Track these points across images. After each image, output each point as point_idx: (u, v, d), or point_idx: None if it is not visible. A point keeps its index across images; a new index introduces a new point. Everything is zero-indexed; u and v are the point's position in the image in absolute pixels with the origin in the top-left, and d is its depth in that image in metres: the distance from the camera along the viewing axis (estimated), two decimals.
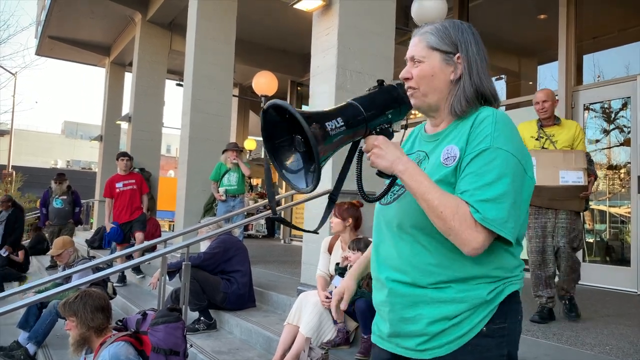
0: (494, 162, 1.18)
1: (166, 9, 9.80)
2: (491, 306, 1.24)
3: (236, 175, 6.64)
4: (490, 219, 1.14)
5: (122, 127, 12.68)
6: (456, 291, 1.23)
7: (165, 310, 3.17)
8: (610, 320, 3.83)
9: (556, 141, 3.87)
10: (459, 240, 1.16)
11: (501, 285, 1.25)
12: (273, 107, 1.17)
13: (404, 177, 1.20)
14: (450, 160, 1.25)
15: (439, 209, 1.15)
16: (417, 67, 1.32)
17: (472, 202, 1.16)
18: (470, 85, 1.30)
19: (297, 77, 12.04)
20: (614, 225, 6.07)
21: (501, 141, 1.20)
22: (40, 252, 10.27)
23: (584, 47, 6.42)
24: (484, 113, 1.26)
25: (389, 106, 1.27)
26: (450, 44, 1.32)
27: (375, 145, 1.22)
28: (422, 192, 1.17)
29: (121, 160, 7.15)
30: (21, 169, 24.19)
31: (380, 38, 4.63)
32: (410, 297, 1.27)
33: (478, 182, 1.17)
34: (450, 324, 1.23)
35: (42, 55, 14.63)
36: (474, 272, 1.23)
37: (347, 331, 3.47)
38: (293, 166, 1.21)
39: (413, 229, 1.27)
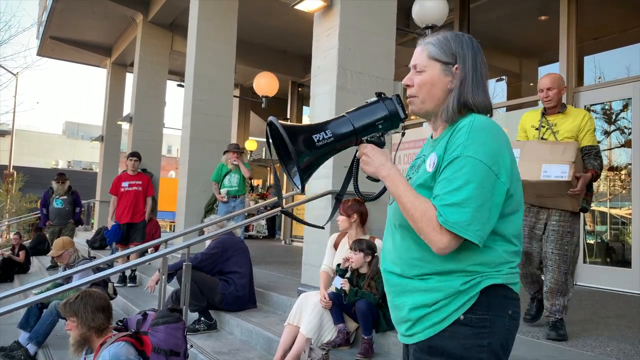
0: (463, 169, 1.27)
1: (167, 10, 9.81)
2: (466, 296, 1.32)
3: (237, 176, 6.64)
4: (452, 222, 1.24)
5: (123, 128, 12.67)
6: (436, 281, 1.34)
7: (166, 310, 3.17)
8: (610, 322, 3.83)
9: (557, 131, 3.45)
10: (427, 241, 1.29)
11: (478, 278, 1.33)
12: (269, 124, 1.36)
13: (386, 181, 1.36)
14: (431, 166, 1.36)
15: (411, 212, 1.30)
16: (419, 76, 1.43)
17: (438, 206, 1.27)
18: (459, 96, 1.39)
19: (297, 78, 12.04)
20: (614, 227, 6.07)
21: (471, 149, 1.28)
22: (41, 253, 10.28)
23: (584, 48, 6.42)
24: (462, 122, 1.35)
25: (379, 119, 1.40)
26: (449, 55, 1.41)
27: (364, 153, 1.39)
28: (398, 195, 1.33)
29: (129, 160, 7.21)
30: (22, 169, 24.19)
31: (381, 39, 4.63)
32: (399, 287, 1.41)
33: (447, 187, 1.27)
34: (430, 310, 1.33)
35: (43, 56, 14.64)
36: (452, 267, 1.33)
37: (347, 332, 3.47)
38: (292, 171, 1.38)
39: (401, 227, 1.41)
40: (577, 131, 3.42)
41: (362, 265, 3.47)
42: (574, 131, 3.41)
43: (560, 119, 3.49)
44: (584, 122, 3.43)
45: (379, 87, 4.53)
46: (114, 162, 13.37)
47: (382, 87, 4.53)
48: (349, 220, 3.74)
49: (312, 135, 1.31)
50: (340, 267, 3.55)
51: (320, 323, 3.42)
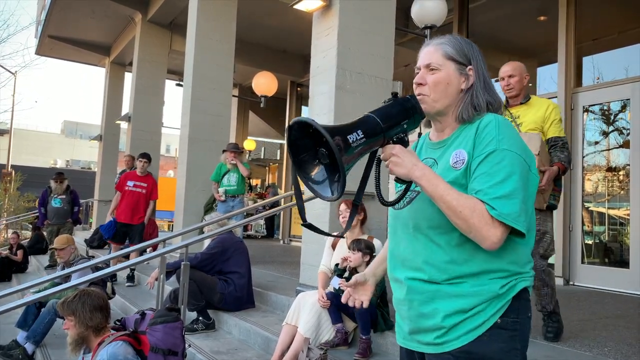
0: (503, 162, 1.28)
1: (166, 9, 9.81)
2: (504, 300, 1.31)
3: (236, 175, 6.64)
4: (506, 214, 1.23)
5: (122, 127, 12.68)
6: (471, 285, 1.31)
7: (164, 310, 3.17)
8: (608, 322, 3.83)
9: (521, 123, 3.27)
10: (479, 237, 1.25)
11: (513, 281, 1.33)
12: (298, 124, 1.26)
13: (421, 182, 1.29)
14: (459, 163, 1.34)
15: (458, 209, 1.24)
16: (433, 75, 1.42)
17: (487, 199, 1.25)
18: (482, 95, 1.42)
19: (297, 78, 12.04)
20: (612, 227, 6.08)
21: (506, 143, 1.30)
22: (39, 252, 10.27)
23: (583, 49, 6.43)
24: (486, 119, 1.36)
25: (404, 117, 1.35)
26: (463, 56, 1.43)
27: (393, 154, 1.31)
28: (440, 195, 1.27)
29: (139, 161, 7.22)
30: (21, 168, 24.17)
31: (380, 39, 4.63)
32: (427, 294, 1.35)
33: (490, 181, 1.27)
34: (466, 316, 1.30)
35: (42, 55, 14.64)
36: (487, 267, 1.31)
37: (345, 331, 3.47)
38: (318, 177, 1.30)
39: (428, 229, 1.36)
40: (542, 122, 3.26)
41: (361, 264, 3.47)
42: (538, 122, 3.25)
43: (524, 111, 3.33)
44: (549, 112, 3.28)
45: (378, 87, 4.53)
46: (113, 162, 13.36)
47: (381, 87, 4.53)
48: (357, 217, 3.75)
49: (347, 137, 1.24)
50: (339, 267, 3.55)
51: (319, 323, 3.42)
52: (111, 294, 4.86)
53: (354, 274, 3.47)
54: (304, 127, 1.25)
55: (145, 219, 7.12)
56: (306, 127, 1.25)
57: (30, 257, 9.72)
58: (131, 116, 10.78)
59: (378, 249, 3.60)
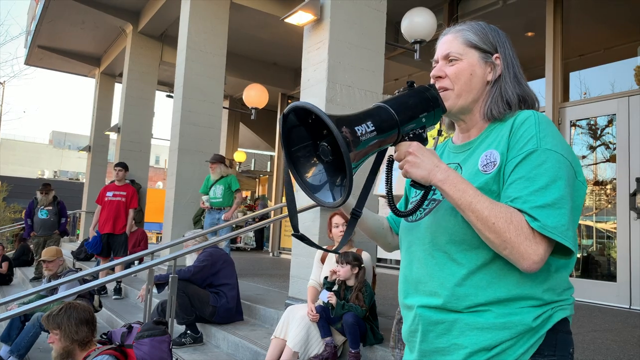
0: (545, 164, 1.05)
1: (158, 21, 9.83)
2: (538, 334, 1.08)
3: (221, 187, 6.61)
4: (552, 227, 1.00)
5: (111, 138, 12.59)
6: (496, 315, 1.07)
7: (151, 323, 3.13)
8: (597, 336, 3.85)
9: None
10: (516, 254, 1.01)
11: (549, 310, 1.09)
12: (294, 111, 1.02)
13: (444, 186, 1.05)
14: (490, 166, 1.12)
15: (491, 220, 1.01)
16: (453, 66, 1.22)
17: (527, 209, 1.01)
18: (512, 87, 1.23)
19: (287, 90, 12.08)
20: (600, 241, 6.13)
21: (549, 142, 1.07)
22: (24, 264, 10.13)
23: (570, 64, 6.53)
24: (522, 114, 1.15)
25: (422, 109, 1.12)
26: (488, 43, 1.24)
27: (409, 152, 1.07)
28: (468, 202, 1.03)
29: (115, 169, 7.21)
30: (7, 179, 23.92)
31: (371, 53, 4.67)
32: (444, 325, 1.12)
33: (530, 187, 1.03)
34: (489, 355, 1.07)
35: (31, 65, 14.55)
36: (518, 293, 1.08)
37: (334, 345, 3.45)
38: (315, 180, 1.06)
39: (449, 245, 1.12)
40: None
41: (350, 277, 3.46)
42: None
43: None
44: None
45: (368, 101, 4.56)
46: (101, 173, 13.26)
47: (371, 101, 4.56)
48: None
49: (355, 128, 0.98)
50: (328, 280, 3.53)
51: (307, 336, 3.40)
52: (98, 307, 4.80)
53: (343, 288, 3.47)
54: (303, 114, 1.02)
55: (127, 229, 7.06)
56: (305, 114, 1.02)
57: (15, 269, 9.58)
58: (120, 127, 10.73)
59: (366, 261, 3.59)
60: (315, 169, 1.06)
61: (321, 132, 1.01)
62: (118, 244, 6.96)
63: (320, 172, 1.06)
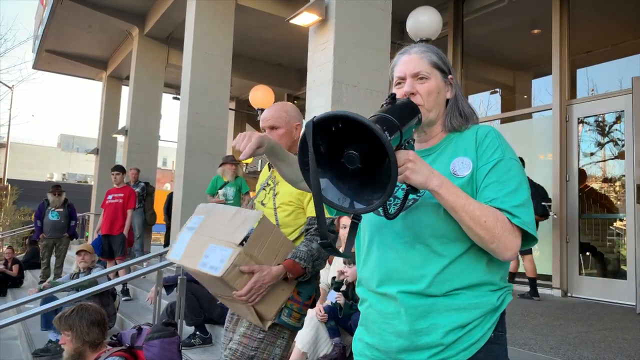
0: (512, 170, 1.26)
1: (163, 24, 9.87)
2: (497, 313, 1.28)
3: (233, 189, 6.63)
4: (527, 222, 1.21)
5: (119, 140, 12.67)
6: (469, 297, 1.25)
7: (161, 324, 3.15)
8: (607, 334, 3.82)
9: (278, 193, 2.29)
10: (502, 247, 1.20)
11: (504, 293, 1.31)
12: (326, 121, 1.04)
13: (441, 191, 1.18)
14: (464, 170, 1.29)
15: (482, 219, 1.18)
16: (424, 84, 1.37)
17: (508, 208, 1.21)
18: (464, 103, 1.41)
19: (293, 91, 12.10)
20: (609, 238, 6.09)
21: (510, 152, 1.30)
22: (34, 266, 10.19)
23: (577, 61, 6.50)
24: (483, 128, 1.35)
25: (412, 119, 1.25)
26: (445, 65, 1.41)
27: (409, 159, 1.16)
28: (462, 204, 1.18)
29: (111, 174, 7.46)
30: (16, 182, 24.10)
31: (376, 52, 4.67)
32: (423, 307, 1.26)
33: (504, 189, 1.23)
34: (464, 331, 1.24)
35: (39, 69, 14.66)
36: (484, 279, 1.27)
37: (343, 345, 3.45)
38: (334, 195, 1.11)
39: (431, 238, 1.27)
40: (303, 193, 2.19)
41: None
42: (295, 194, 2.22)
43: None
44: None
45: (374, 100, 4.56)
46: (109, 175, 13.28)
47: (377, 100, 4.56)
48: None
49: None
50: (336, 280, 3.54)
51: (316, 337, 3.40)
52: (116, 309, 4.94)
53: (351, 288, 3.47)
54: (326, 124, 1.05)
55: (125, 229, 7.11)
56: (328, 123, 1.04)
57: (25, 272, 9.66)
58: (128, 130, 10.79)
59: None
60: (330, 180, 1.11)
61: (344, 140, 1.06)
62: (116, 245, 7.04)
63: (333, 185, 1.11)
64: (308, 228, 2.20)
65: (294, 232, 2.23)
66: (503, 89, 8.36)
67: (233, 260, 1.86)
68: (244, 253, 1.90)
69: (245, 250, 1.91)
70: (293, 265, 2.04)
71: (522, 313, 4.50)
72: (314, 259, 2.09)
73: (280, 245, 2.06)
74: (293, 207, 2.23)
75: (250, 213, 2.01)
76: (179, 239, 2.13)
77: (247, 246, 1.92)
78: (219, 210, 2.16)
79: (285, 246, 2.08)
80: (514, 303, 4.67)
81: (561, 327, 3.96)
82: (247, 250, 1.92)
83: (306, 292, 2.17)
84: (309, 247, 2.10)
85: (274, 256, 2.03)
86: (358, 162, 1.06)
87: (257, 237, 1.97)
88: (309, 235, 2.17)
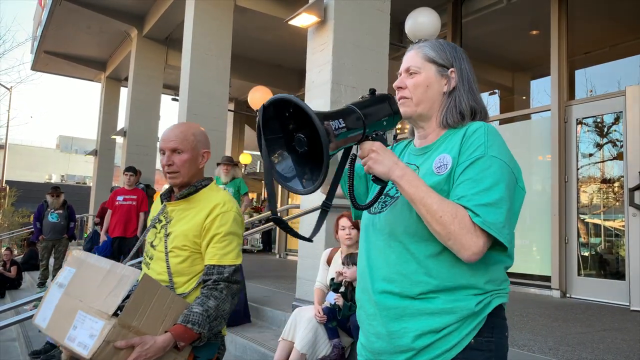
0: (490, 169, 1.19)
1: (162, 25, 9.87)
2: (479, 318, 1.22)
3: (232, 190, 6.63)
4: (490, 222, 1.14)
5: (117, 142, 12.67)
6: (444, 302, 1.21)
7: None
8: (606, 335, 3.82)
9: (170, 233, 1.94)
10: (458, 245, 1.14)
11: (488, 297, 1.24)
12: (274, 103, 1.12)
13: (401, 182, 1.19)
14: (442, 168, 1.25)
15: (438, 214, 1.14)
16: (412, 78, 1.36)
17: (471, 206, 1.15)
18: (465, 98, 1.35)
19: (292, 92, 12.08)
20: (608, 239, 6.09)
21: (495, 150, 1.22)
22: (33, 268, 10.18)
23: (576, 62, 6.50)
24: (474, 125, 1.29)
25: (384, 114, 1.29)
26: (445, 59, 1.37)
27: (372, 150, 1.21)
28: (420, 197, 1.16)
29: (124, 174, 7.23)
30: (15, 183, 24.08)
31: (375, 54, 4.67)
32: (397, 309, 1.24)
33: (475, 187, 1.17)
34: (437, 337, 1.20)
35: (37, 71, 14.67)
36: (463, 282, 1.21)
37: (342, 347, 3.45)
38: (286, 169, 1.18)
39: (404, 235, 1.26)
40: (200, 235, 1.87)
41: (356, 278, 3.46)
42: (191, 235, 1.87)
43: (183, 210, 1.95)
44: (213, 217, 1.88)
45: None
46: (108, 176, 13.34)
47: None
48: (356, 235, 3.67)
49: (331, 122, 1.10)
50: (334, 281, 3.53)
51: (315, 338, 3.40)
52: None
53: (350, 289, 3.47)
54: (281, 107, 1.12)
55: (139, 232, 7.10)
56: (283, 108, 1.12)
57: (24, 274, 9.64)
58: (127, 131, 10.79)
59: None
60: (283, 159, 1.18)
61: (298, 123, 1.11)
62: (129, 248, 6.99)
63: (288, 163, 1.17)
64: (206, 279, 1.84)
65: (190, 281, 1.88)
66: (502, 90, 8.37)
67: (105, 336, 1.51)
68: (119, 325, 1.55)
69: (121, 322, 1.56)
70: (184, 331, 1.68)
71: (521, 314, 4.50)
72: (210, 320, 1.74)
73: (167, 307, 1.70)
74: (188, 251, 1.88)
75: (127, 271, 1.64)
76: (47, 297, 1.74)
77: (124, 316, 1.57)
78: (91, 264, 1.74)
79: (174, 307, 1.72)
80: (512, 304, 4.67)
81: (560, 328, 3.96)
82: (123, 320, 1.56)
83: (205, 356, 1.82)
84: (205, 307, 1.75)
85: (159, 322, 1.67)
86: (305, 145, 1.12)
87: (137, 302, 1.61)
88: (207, 289, 1.81)
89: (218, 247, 1.86)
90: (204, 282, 1.85)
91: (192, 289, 1.86)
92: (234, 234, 1.90)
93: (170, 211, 1.98)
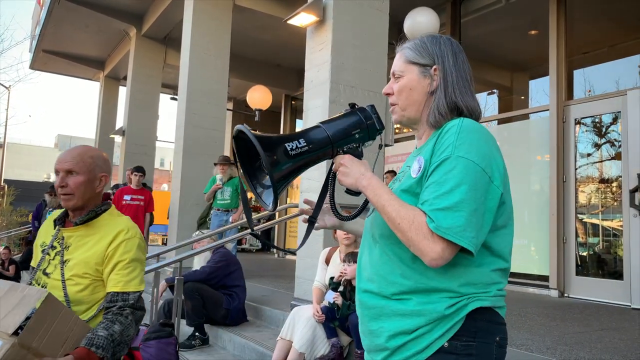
0: (453, 170, 1.15)
1: (161, 24, 9.86)
2: (451, 322, 1.19)
3: (229, 189, 6.63)
4: (445, 228, 1.11)
5: (116, 141, 12.65)
6: (416, 304, 1.20)
7: (158, 325, 3.15)
8: (603, 334, 3.83)
9: (67, 260, 1.87)
10: (418, 251, 1.15)
11: (464, 300, 1.20)
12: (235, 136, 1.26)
13: (366, 192, 1.24)
14: (416, 170, 1.25)
15: (397, 221, 1.16)
16: (397, 82, 1.36)
17: (428, 211, 1.14)
18: (443, 97, 1.30)
19: (291, 92, 12.10)
20: (606, 239, 6.10)
21: (463, 150, 1.17)
22: None
23: (574, 62, 6.51)
24: (449, 124, 1.25)
25: (355, 127, 1.32)
26: (427, 57, 1.33)
27: (341, 163, 1.28)
28: (382, 205, 1.20)
29: (134, 175, 7.23)
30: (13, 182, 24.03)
31: (374, 53, 4.67)
32: (376, 309, 1.27)
33: (437, 191, 1.15)
34: (409, 338, 1.20)
35: (36, 69, 14.63)
36: (437, 285, 1.20)
37: (340, 346, 3.45)
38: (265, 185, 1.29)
39: (381, 238, 1.29)
40: (102, 262, 1.86)
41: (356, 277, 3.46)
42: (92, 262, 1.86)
43: (82, 236, 1.92)
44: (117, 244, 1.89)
45: (372, 101, 4.54)
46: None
47: (375, 101, 4.56)
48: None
49: (286, 144, 1.21)
50: (334, 280, 3.54)
51: (313, 337, 3.40)
52: None
53: (349, 289, 3.47)
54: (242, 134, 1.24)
55: (145, 231, 7.10)
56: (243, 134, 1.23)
57: (22, 272, 9.62)
58: (125, 130, 10.78)
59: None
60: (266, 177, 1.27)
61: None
62: None
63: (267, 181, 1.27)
64: (109, 306, 1.82)
65: (90, 309, 1.85)
66: (500, 89, 8.37)
67: (2, 356, 1.48)
68: (18, 345, 1.50)
69: (21, 342, 1.51)
70: (87, 354, 1.63)
71: (519, 314, 4.51)
72: (114, 345, 1.72)
73: (69, 330, 1.66)
74: (89, 279, 1.84)
75: (30, 291, 1.62)
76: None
77: (23, 336, 1.52)
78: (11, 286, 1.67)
79: (77, 330, 1.68)
80: (510, 304, 4.68)
81: (558, 328, 3.97)
82: (23, 341, 1.51)
83: None
84: (110, 331, 1.72)
85: (60, 344, 1.62)
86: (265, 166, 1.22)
87: (38, 322, 1.56)
88: (111, 314, 1.79)
89: (122, 273, 1.86)
90: (106, 308, 1.83)
91: (92, 317, 1.85)
92: (138, 260, 1.92)
93: (67, 237, 1.92)
